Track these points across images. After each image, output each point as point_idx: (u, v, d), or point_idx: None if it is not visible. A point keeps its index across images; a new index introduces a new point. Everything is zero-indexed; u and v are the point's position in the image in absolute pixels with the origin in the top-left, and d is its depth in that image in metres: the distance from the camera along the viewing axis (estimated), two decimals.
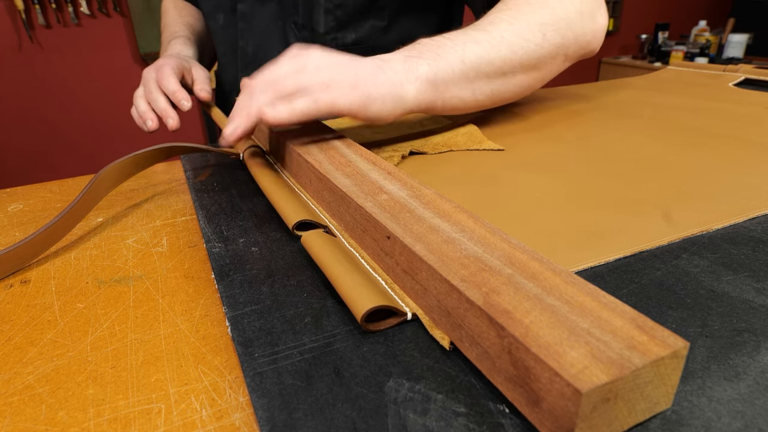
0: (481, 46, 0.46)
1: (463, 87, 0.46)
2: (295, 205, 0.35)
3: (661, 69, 0.87)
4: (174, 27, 0.76)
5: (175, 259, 0.33)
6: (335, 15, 0.64)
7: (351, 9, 0.64)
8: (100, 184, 0.39)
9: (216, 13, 0.72)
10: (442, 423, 0.19)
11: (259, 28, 0.69)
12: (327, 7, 0.63)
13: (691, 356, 0.21)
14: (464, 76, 0.46)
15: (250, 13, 0.68)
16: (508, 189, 0.39)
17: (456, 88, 0.46)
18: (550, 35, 0.49)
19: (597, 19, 0.54)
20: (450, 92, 0.46)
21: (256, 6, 0.68)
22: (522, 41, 0.48)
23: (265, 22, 0.68)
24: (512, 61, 0.48)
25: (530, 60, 0.49)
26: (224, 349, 0.24)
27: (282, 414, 0.19)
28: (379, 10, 0.65)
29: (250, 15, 0.68)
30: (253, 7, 0.68)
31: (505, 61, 0.47)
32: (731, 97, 0.66)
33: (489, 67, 0.47)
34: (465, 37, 0.46)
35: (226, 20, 0.71)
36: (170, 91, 0.56)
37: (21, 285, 0.31)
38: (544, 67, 0.51)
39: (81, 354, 0.25)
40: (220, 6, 0.71)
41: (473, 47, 0.46)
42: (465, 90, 0.47)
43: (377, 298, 0.24)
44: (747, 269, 0.28)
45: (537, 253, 0.23)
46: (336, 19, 0.64)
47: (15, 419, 0.21)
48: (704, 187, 0.38)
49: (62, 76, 2.13)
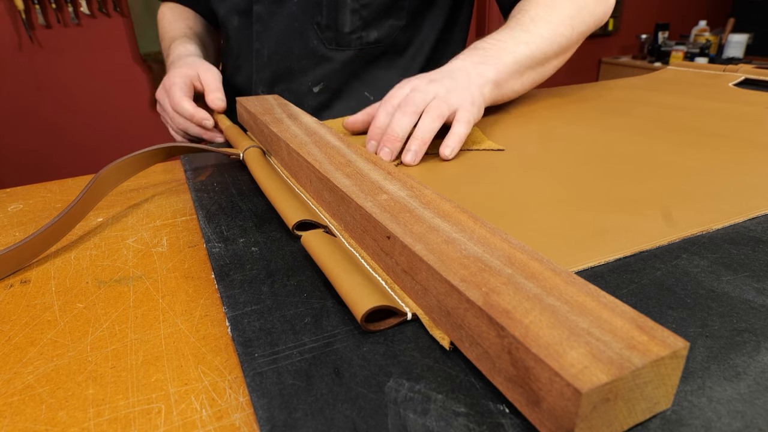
0: (528, 46, 0.55)
1: (516, 81, 0.56)
2: (295, 205, 0.35)
3: (661, 69, 0.87)
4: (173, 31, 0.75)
5: (175, 259, 0.33)
6: (361, 14, 0.66)
7: (376, 8, 0.66)
8: (100, 184, 0.39)
9: (230, 16, 0.72)
10: (442, 423, 0.19)
11: (276, 30, 0.69)
12: (353, 7, 0.65)
13: (691, 356, 0.21)
14: (517, 72, 0.55)
15: (266, 14, 0.68)
16: (508, 189, 0.39)
17: (512, 83, 0.55)
18: (577, 26, 0.58)
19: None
20: (508, 87, 0.55)
21: (274, 7, 0.68)
22: (557, 36, 0.57)
23: (282, 23, 0.68)
24: (549, 53, 0.57)
25: (561, 49, 0.58)
26: (224, 349, 0.24)
27: (282, 414, 0.19)
28: (400, 10, 0.68)
29: (266, 17, 0.69)
30: (270, 8, 0.68)
31: (545, 55, 0.56)
32: (731, 97, 0.66)
33: (533, 61, 0.56)
34: (515, 40, 0.55)
35: (240, 22, 0.71)
36: (188, 116, 0.58)
37: (21, 285, 0.31)
38: (570, 50, 0.61)
39: (81, 354, 0.25)
40: (234, 8, 0.71)
41: (523, 48, 0.54)
42: (517, 83, 0.56)
43: (377, 298, 0.24)
44: (747, 269, 0.28)
45: (537, 253, 0.23)
46: (362, 18, 0.66)
47: (15, 419, 0.21)
48: (704, 187, 0.38)
49: (62, 76, 2.13)
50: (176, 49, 0.69)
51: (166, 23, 0.79)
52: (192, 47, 0.69)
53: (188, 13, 0.82)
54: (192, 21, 0.80)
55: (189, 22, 0.79)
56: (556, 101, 0.66)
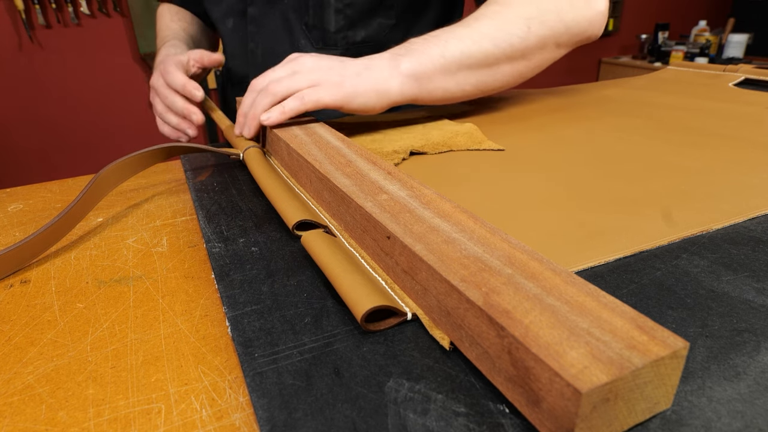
0: (462, 42, 0.50)
1: (446, 79, 0.50)
2: (295, 205, 0.35)
3: (661, 69, 0.87)
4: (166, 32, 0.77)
5: (175, 259, 0.33)
6: (345, 14, 0.66)
7: (360, 8, 0.66)
8: (100, 184, 0.39)
9: (226, 17, 0.73)
10: (442, 423, 0.19)
11: (268, 31, 0.70)
12: (337, 7, 0.65)
13: (691, 356, 0.21)
14: (445, 69, 0.50)
15: (260, 16, 0.70)
16: (508, 189, 0.39)
17: (439, 80, 0.50)
18: (535, 28, 0.52)
19: (593, 5, 0.56)
20: (433, 84, 0.50)
21: (266, 9, 0.69)
22: (505, 35, 0.51)
23: (275, 24, 0.69)
24: (495, 54, 0.51)
25: (515, 51, 0.52)
26: (224, 349, 0.24)
27: (282, 414, 0.19)
28: (387, 9, 0.67)
29: (260, 18, 0.70)
30: (263, 9, 0.69)
31: (487, 54, 0.51)
32: (731, 97, 0.66)
33: (470, 60, 0.50)
34: (448, 34, 0.50)
35: (235, 24, 0.73)
36: (180, 85, 0.58)
37: (21, 285, 0.31)
38: (532, 56, 0.54)
39: (81, 354, 0.25)
40: (230, 10, 0.72)
41: (455, 42, 0.50)
42: (448, 81, 0.51)
43: (377, 298, 0.24)
44: (747, 269, 0.28)
45: (537, 253, 0.23)
46: (346, 17, 0.66)
47: (15, 419, 0.21)
48: (704, 187, 0.38)
49: (62, 76, 2.13)
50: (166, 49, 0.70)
51: (162, 25, 0.80)
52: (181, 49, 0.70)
53: (184, 14, 0.83)
54: (187, 22, 0.81)
55: (184, 24, 0.80)
56: (556, 101, 0.66)
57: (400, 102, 0.49)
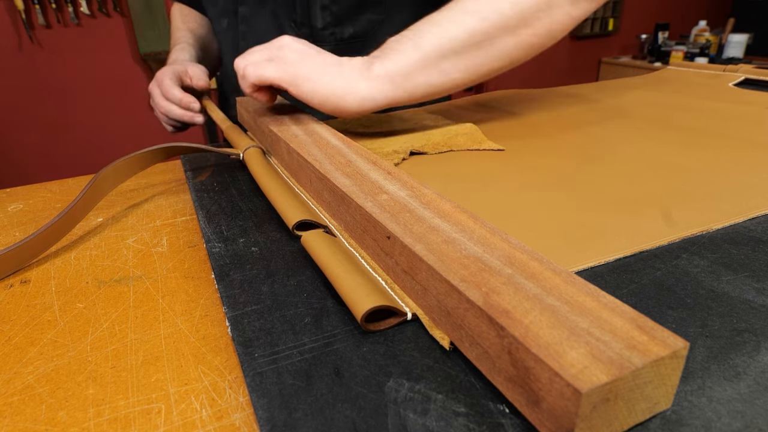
0: (439, 26, 0.45)
1: (427, 73, 0.45)
2: (295, 205, 0.35)
3: (661, 69, 0.87)
4: (177, 34, 0.79)
5: (175, 259, 0.33)
6: (331, 10, 0.66)
7: (346, 4, 0.66)
8: (100, 184, 0.39)
9: (220, 17, 0.74)
10: (442, 423, 0.19)
11: (259, 29, 0.70)
12: (323, 3, 0.65)
13: (691, 356, 0.21)
14: (424, 62, 0.45)
15: (250, 15, 0.70)
16: (508, 189, 0.39)
17: (419, 76, 0.45)
18: None
19: None
20: (413, 81, 0.45)
21: (257, 8, 0.69)
22: (490, 2, 0.44)
23: (265, 23, 0.70)
24: (484, 29, 0.44)
25: (509, 19, 0.44)
26: (224, 349, 0.24)
27: (282, 414, 0.19)
28: (376, 4, 0.67)
29: (250, 17, 0.70)
30: (253, 9, 0.70)
31: (472, 33, 0.44)
32: (731, 97, 0.66)
33: (453, 44, 0.45)
34: (424, 24, 0.46)
35: (229, 24, 0.73)
36: (177, 100, 0.62)
37: (21, 285, 0.31)
38: (536, 21, 0.45)
39: (81, 354, 0.25)
40: (224, 11, 0.73)
41: (430, 30, 0.45)
42: (431, 75, 0.46)
43: (377, 298, 0.24)
44: (747, 269, 0.28)
45: (537, 253, 0.23)
46: (332, 14, 0.66)
47: (15, 419, 0.21)
48: (704, 187, 0.38)
49: (62, 76, 2.13)
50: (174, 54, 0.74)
51: (174, 26, 0.82)
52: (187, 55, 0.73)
53: (194, 15, 0.84)
54: (197, 23, 0.82)
55: (193, 25, 0.82)
56: (556, 101, 0.66)
57: (376, 106, 0.46)
